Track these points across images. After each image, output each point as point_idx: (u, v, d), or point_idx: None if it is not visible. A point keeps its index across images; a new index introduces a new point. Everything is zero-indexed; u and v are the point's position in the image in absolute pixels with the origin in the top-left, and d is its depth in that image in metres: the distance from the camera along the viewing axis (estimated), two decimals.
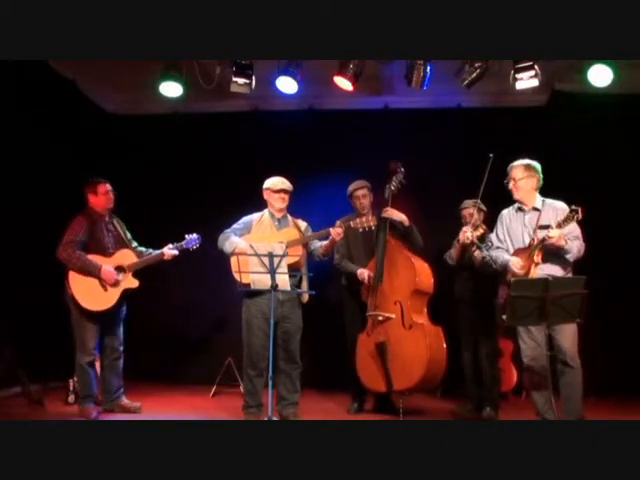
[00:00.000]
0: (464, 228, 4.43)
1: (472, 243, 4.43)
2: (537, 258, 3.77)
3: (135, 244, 4.77)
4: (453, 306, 4.86)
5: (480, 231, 4.53)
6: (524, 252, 3.88)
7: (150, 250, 4.74)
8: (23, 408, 4.67)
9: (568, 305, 3.44)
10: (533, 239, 3.83)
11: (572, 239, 3.79)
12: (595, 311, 3.83)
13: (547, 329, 3.63)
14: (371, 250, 4.72)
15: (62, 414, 4.56)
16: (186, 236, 4.70)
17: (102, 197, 4.61)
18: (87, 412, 4.43)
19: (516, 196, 4.02)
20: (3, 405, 4.74)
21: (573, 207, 3.61)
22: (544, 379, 3.69)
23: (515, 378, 5.55)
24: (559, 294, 3.41)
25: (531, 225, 3.92)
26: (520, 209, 4.04)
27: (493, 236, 4.15)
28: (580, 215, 3.57)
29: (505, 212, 4.13)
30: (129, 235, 4.78)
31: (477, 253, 4.50)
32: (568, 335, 3.76)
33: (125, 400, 4.69)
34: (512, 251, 3.98)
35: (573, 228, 3.78)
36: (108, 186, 4.65)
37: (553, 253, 3.80)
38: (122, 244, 4.65)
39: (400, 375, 4.36)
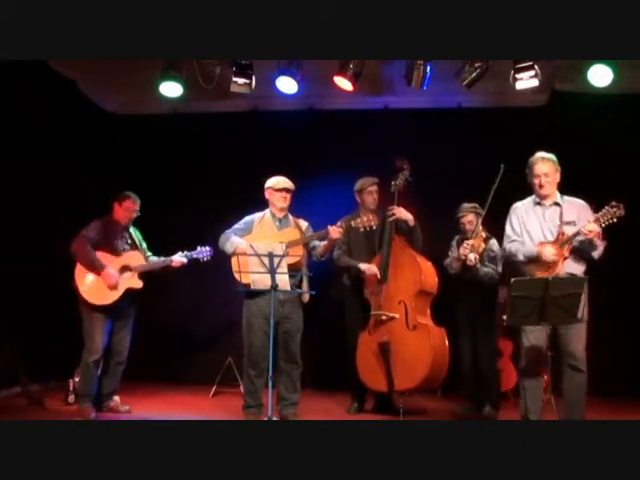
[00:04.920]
0: (465, 243, 4.38)
1: (475, 266, 4.41)
2: (567, 252, 3.68)
3: (149, 254, 4.78)
4: (453, 306, 4.85)
5: (482, 246, 4.46)
6: (551, 246, 3.74)
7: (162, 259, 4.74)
8: (23, 408, 4.66)
9: (567, 305, 3.43)
10: (562, 233, 3.68)
11: None
12: (596, 311, 3.82)
13: (551, 330, 3.60)
14: (372, 250, 4.72)
15: (62, 414, 4.55)
16: (198, 247, 4.68)
17: (125, 212, 4.67)
18: (85, 412, 4.43)
19: (545, 191, 3.79)
20: (3, 405, 4.74)
21: (614, 203, 3.51)
22: (538, 380, 3.72)
23: (515, 378, 5.54)
24: (559, 294, 3.40)
25: (552, 220, 3.76)
26: (539, 204, 3.86)
27: (508, 228, 3.93)
28: (622, 212, 3.48)
29: (520, 205, 3.93)
30: (144, 245, 4.81)
31: (482, 272, 4.52)
32: (580, 338, 3.68)
33: (116, 402, 4.69)
34: (531, 245, 3.80)
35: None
36: (137, 205, 4.70)
37: (576, 251, 3.70)
38: (134, 249, 4.68)
39: (403, 375, 4.35)
